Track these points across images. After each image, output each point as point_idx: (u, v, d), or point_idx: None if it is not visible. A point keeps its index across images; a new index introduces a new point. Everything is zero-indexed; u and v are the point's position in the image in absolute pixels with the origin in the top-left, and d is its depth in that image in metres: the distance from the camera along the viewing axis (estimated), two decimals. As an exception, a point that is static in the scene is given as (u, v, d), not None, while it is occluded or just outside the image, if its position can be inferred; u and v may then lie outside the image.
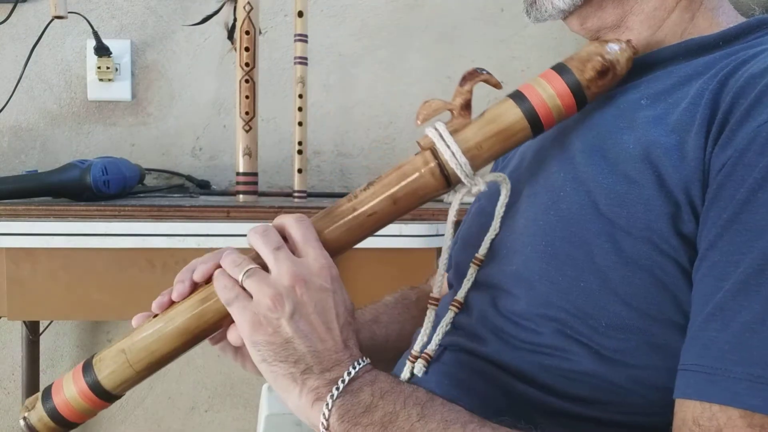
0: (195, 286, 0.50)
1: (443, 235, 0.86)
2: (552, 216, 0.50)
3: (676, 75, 0.52)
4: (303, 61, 1.06)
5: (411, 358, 0.55)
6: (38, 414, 0.51)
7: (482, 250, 0.55)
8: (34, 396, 0.52)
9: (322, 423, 0.43)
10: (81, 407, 0.50)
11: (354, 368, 0.44)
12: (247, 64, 0.99)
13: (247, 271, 0.46)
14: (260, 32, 1.09)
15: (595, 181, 0.49)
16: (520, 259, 0.52)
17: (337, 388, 0.43)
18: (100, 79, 1.28)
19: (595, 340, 0.47)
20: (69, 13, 1.10)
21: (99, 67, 1.26)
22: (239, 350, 0.57)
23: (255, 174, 1.03)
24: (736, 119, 0.43)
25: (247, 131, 1.00)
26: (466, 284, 0.57)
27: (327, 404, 0.43)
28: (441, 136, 0.49)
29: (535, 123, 0.49)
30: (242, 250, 0.50)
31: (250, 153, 1.01)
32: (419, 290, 0.76)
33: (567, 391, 0.48)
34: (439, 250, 0.86)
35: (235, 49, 1.02)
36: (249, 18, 0.98)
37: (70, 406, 0.50)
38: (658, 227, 0.45)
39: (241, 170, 1.02)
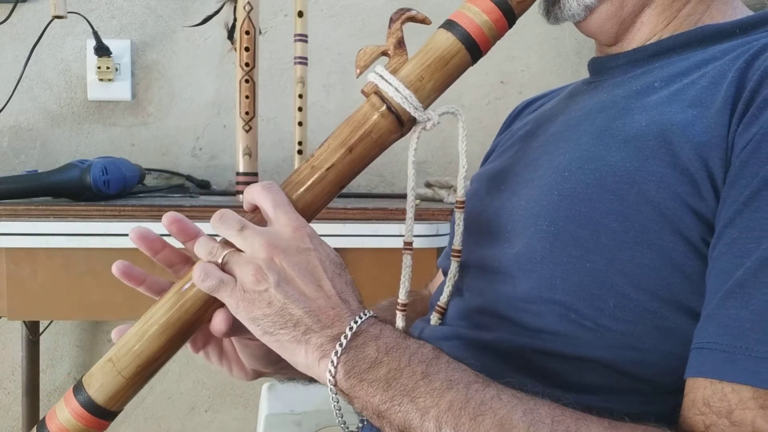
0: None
1: (443, 235, 0.86)
2: (555, 196, 0.49)
3: (692, 60, 0.51)
4: (303, 61, 1.06)
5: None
6: None
7: (459, 191, 0.54)
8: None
9: (329, 380, 0.43)
10: (77, 430, 0.47)
11: (356, 322, 0.43)
12: (247, 64, 0.99)
13: (223, 256, 0.46)
14: (260, 32, 1.09)
15: (603, 160, 0.48)
16: (522, 242, 0.51)
17: (341, 345, 0.43)
18: (100, 79, 1.28)
19: (601, 323, 0.46)
20: (69, 13, 1.10)
21: (99, 67, 1.26)
22: (224, 356, 0.57)
23: (255, 174, 1.03)
24: (763, 98, 0.42)
25: (247, 131, 1.00)
26: (450, 281, 0.57)
27: (332, 361, 0.42)
28: (381, 76, 0.49)
29: (469, 43, 0.49)
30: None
31: (250, 153, 1.01)
32: (416, 293, 0.76)
33: (570, 380, 0.47)
34: (439, 250, 0.86)
35: (235, 49, 1.02)
36: (249, 18, 0.98)
37: (66, 430, 0.47)
38: (672, 205, 0.44)
39: (241, 170, 1.02)
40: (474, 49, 0.49)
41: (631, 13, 0.56)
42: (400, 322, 0.54)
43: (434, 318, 0.59)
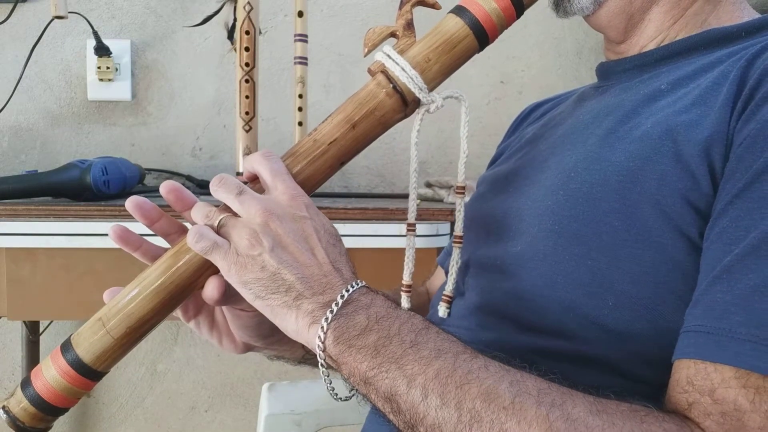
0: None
1: (443, 235, 0.86)
2: (561, 195, 0.50)
3: (698, 63, 0.52)
4: (303, 61, 1.06)
5: None
6: (18, 401, 0.47)
7: (460, 176, 0.54)
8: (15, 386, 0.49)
9: (318, 345, 0.43)
10: (63, 388, 0.47)
11: (347, 291, 0.44)
12: (247, 64, 0.99)
13: (219, 220, 0.47)
14: (260, 32, 1.09)
15: (609, 161, 0.49)
16: (526, 240, 0.51)
17: (332, 311, 0.43)
18: (100, 79, 1.28)
19: (600, 321, 0.46)
20: (69, 13, 1.10)
21: (99, 67, 1.26)
22: (215, 326, 0.56)
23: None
24: (762, 95, 0.43)
25: (247, 131, 1.00)
26: (453, 268, 0.56)
27: (322, 327, 0.43)
28: (389, 56, 0.50)
29: (477, 29, 0.49)
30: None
31: (250, 153, 1.01)
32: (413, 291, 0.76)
33: (569, 379, 0.47)
34: (439, 250, 0.86)
35: (235, 49, 1.02)
36: (249, 18, 0.98)
37: (51, 388, 0.47)
38: (672, 202, 0.45)
39: (241, 170, 1.02)
40: (482, 35, 0.50)
41: (639, 9, 0.56)
42: (405, 303, 0.54)
43: (442, 309, 0.59)
